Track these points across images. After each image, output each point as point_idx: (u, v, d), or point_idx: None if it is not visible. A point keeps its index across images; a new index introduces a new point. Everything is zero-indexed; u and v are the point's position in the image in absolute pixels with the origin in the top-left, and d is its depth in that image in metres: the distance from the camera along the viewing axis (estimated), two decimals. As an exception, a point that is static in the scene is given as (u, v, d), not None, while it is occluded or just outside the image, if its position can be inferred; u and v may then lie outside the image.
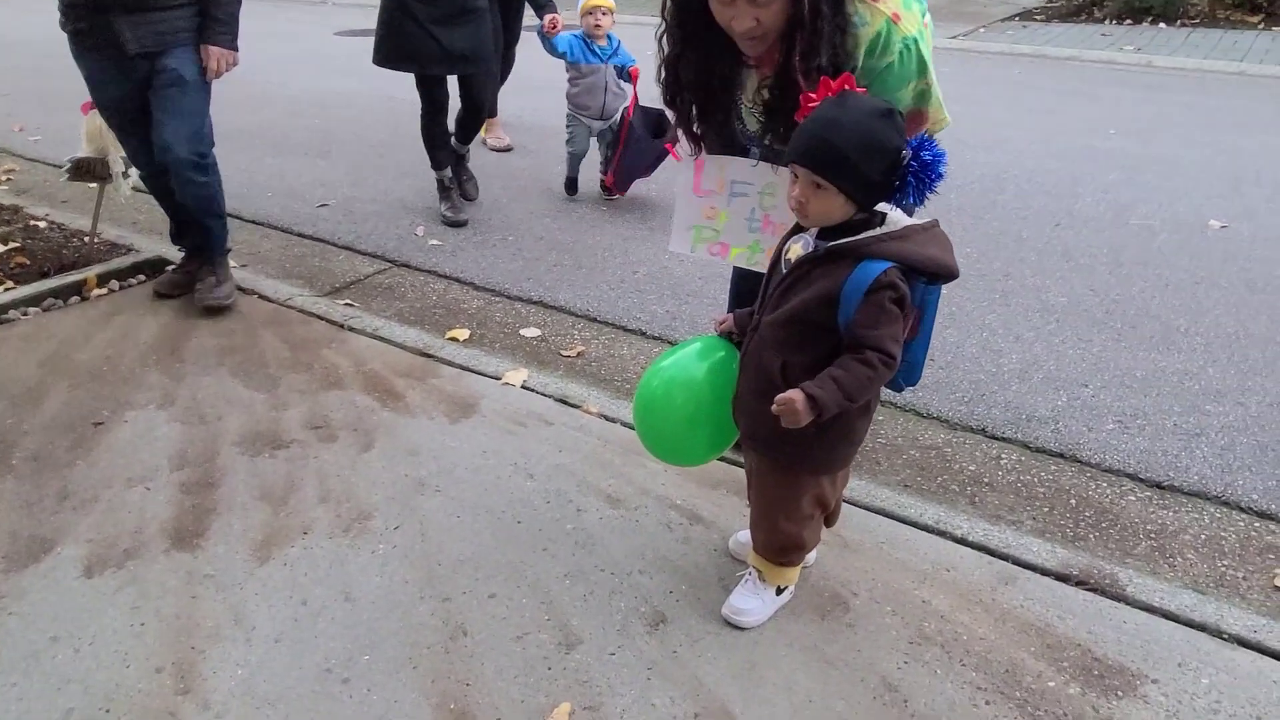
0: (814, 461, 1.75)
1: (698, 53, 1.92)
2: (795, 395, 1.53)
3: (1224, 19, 8.72)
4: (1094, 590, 2.00)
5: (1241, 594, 2.04)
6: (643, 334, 3.27)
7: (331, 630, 1.88)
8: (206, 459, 2.43)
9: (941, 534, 2.17)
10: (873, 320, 1.54)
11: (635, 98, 4.29)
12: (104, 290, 3.41)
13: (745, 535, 2.00)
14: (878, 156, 1.51)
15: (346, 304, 3.39)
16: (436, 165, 4.29)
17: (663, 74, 1.98)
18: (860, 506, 2.24)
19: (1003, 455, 2.55)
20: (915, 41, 1.82)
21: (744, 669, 1.80)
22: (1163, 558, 2.16)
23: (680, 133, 2.08)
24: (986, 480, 2.44)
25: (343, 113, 6.10)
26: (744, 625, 1.89)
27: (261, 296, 3.37)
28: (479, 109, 4.32)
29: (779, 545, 1.85)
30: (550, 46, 4.24)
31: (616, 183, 4.45)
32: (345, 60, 7.75)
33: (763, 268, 2.14)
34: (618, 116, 4.35)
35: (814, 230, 1.64)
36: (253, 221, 4.28)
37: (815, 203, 1.56)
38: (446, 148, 4.29)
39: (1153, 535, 2.23)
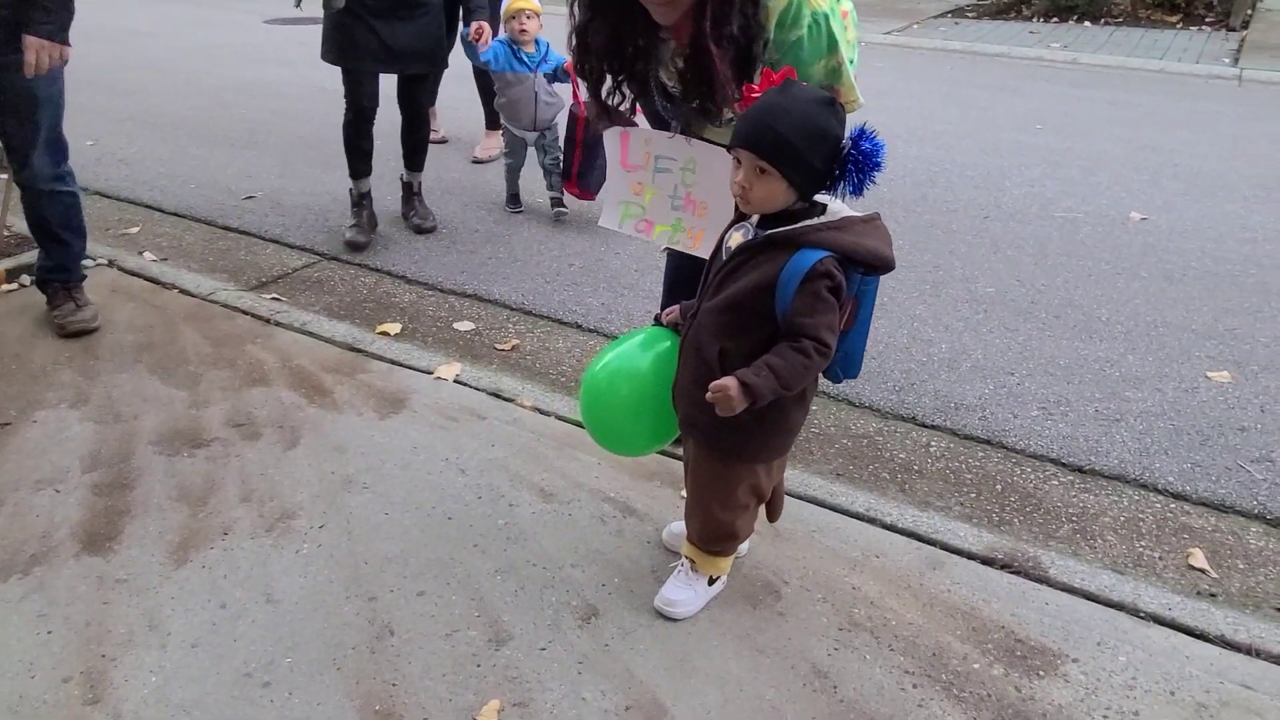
0: (750, 449, 1.75)
1: (608, 20, 1.92)
2: (729, 382, 1.53)
3: (1145, 18, 9.00)
4: (1018, 573, 2.04)
5: (1157, 573, 2.10)
6: (578, 327, 3.24)
7: (252, 633, 1.82)
8: (121, 459, 2.34)
9: (872, 521, 2.19)
10: (808, 309, 1.54)
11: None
12: (13, 286, 3.27)
13: (679, 526, 1.99)
14: (820, 144, 1.53)
15: (273, 298, 3.30)
16: (354, 174, 3.87)
17: (573, 41, 1.97)
18: (793, 495, 2.25)
19: (932, 443, 2.59)
20: (825, 17, 1.84)
21: (676, 660, 1.79)
22: (1084, 539, 2.21)
23: (591, 102, 2.07)
24: (916, 467, 2.48)
25: (271, 102, 5.94)
26: (676, 616, 1.88)
27: (183, 291, 3.26)
28: (420, 119, 3.93)
29: (713, 534, 1.85)
30: (474, 56, 3.98)
31: (582, 186, 3.96)
32: (274, 49, 7.55)
33: (684, 247, 2.14)
34: (557, 124, 4.10)
35: (755, 218, 1.64)
36: (174, 214, 4.13)
37: (758, 188, 1.56)
38: (370, 157, 3.88)
39: (1074, 518, 2.29)
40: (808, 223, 1.58)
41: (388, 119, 3.86)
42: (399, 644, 1.81)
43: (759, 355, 1.58)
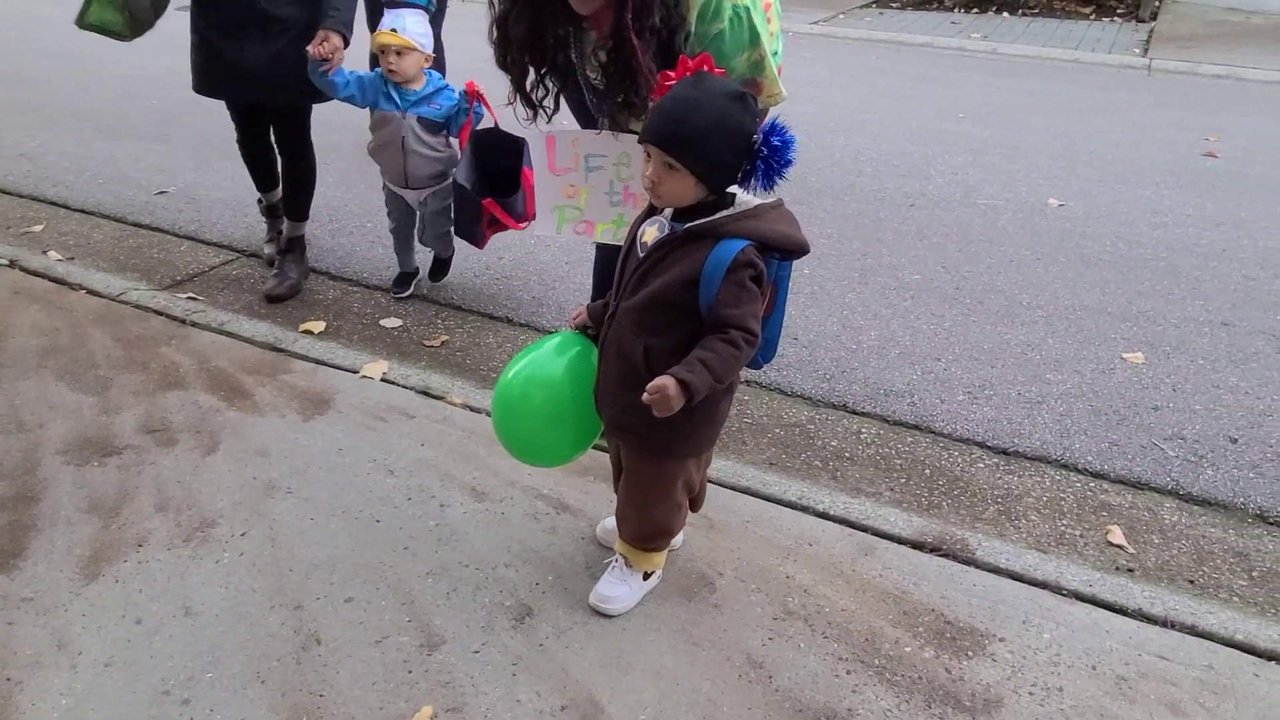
0: (683, 446, 1.73)
1: (528, 9, 1.88)
2: (666, 382, 1.51)
3: (1060, 9, 9.26)
4: (947, 556, 2.07)
5: (1079, 551, 2.17)
6: (509, 321, 3.20)
7: (169, 649, 1.75)
8: (26, 471, 2.22)
9: (805, 509, 2.21)
10: (734, 299, 1.54)
11: (468, 125, 2.97)
12: (-96, 289, 3.08)
13: (612, 521, 1.98)
14: (730, 139, 1.51)
15: (189, 298, 3.17)
16: (258, 187, 3.44)
17: (494, 33, 1.93)
18: (726, 486, 2.26)
19: (863, 429, 2.63)
20: (747, 10, 1.84)
21: (612, 657, 1.78)
22: (1008, 520, 2.27)
23: (516, 98, 2.03)
24: (848, 454, 2.50)
25: (183, 93, 5.64)
26: (612, 612, 1.87)
27: (91, 292, 3.12)
28: (298, 158, 3.24)
29: (649, 533, 1.84)
30: (326, 84, 2.87)
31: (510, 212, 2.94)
32: (186, 37, 7.25)
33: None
34: (446, 190, 3.08)
35: (668, 212, 1.62)
36: (81, 211, 3.95)
37: (668, 183, 1.55)
38: (272, 169, 3.36)
39: (999, 500, 2.34)
40: (725, 214, 1.57)
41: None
42: (326, 653, 1.76)
43: (684, 351, 1.56)
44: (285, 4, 2.90)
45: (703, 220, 1.57)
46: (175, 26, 3.25)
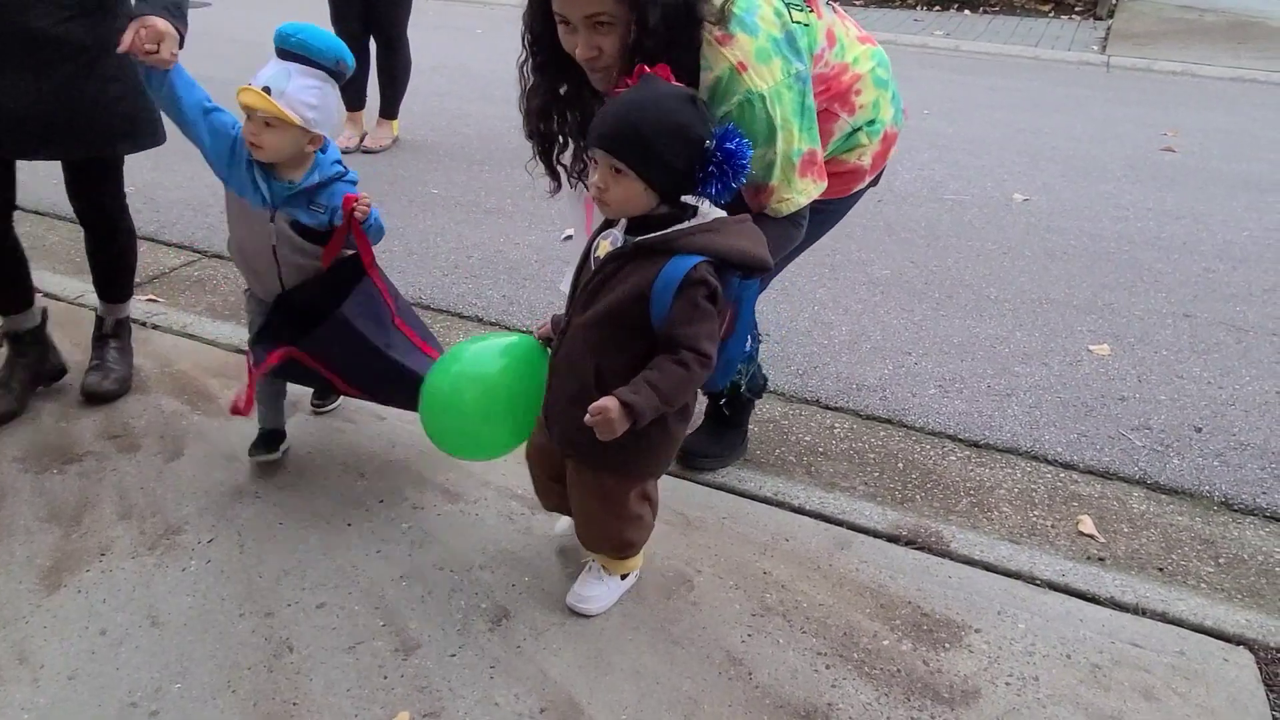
0: (636, 467, 1.68)
1: (552, 84, 1.81)
2: (609, 404, 1.45)
3: (1019, 7, 9.38)
4: (922, 549, 2.09)
5: (1051, 541, 2.19)
6: (479, 320, 3.17)
7: (136, 660, 1.71)
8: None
9: (780, 505, 2.21)
10: (686, 318, 1.48)
11: (363, 245, 2.03)
12: None
13: (568, 520, 1.94)
14: (678, 142, 1.45)
15: (149, 299, 3.10)
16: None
17: (524, 105, 1.86)
18: (701, 484, 2.26)
19: (836, 424, 2.63)
20: (762, 98, 1.64)
21: (590, 657, 1.76)
22: (981, 512, 2.28)
23: (542, 168, 1.95)
24: (821, 449, 2.51)
25: (142, 92, 5.59)
26: (590, 612, 1.84)
27: (46, 294, 3.03)
28: (107, 226, 2.47)
29: (612, 546, 1.81)
30: (163, 95, 1.93)
31: (351, 381, 2.14)
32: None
33: None
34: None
35: (622, 224, 1.56)
36: (35, 212, 3.84)
37: (614, 189, 1.49)
38: (18, 281, 2.48)
39: (972, 492, 2.36)
40: (678, 227, 1.50)
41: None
42: (299, 660, 1.72)
43: (638, 370, 1.50)
44: (62, 18, 2.08)
45: (654, 234, 1.50)
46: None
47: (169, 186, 4.18)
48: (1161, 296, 3.44)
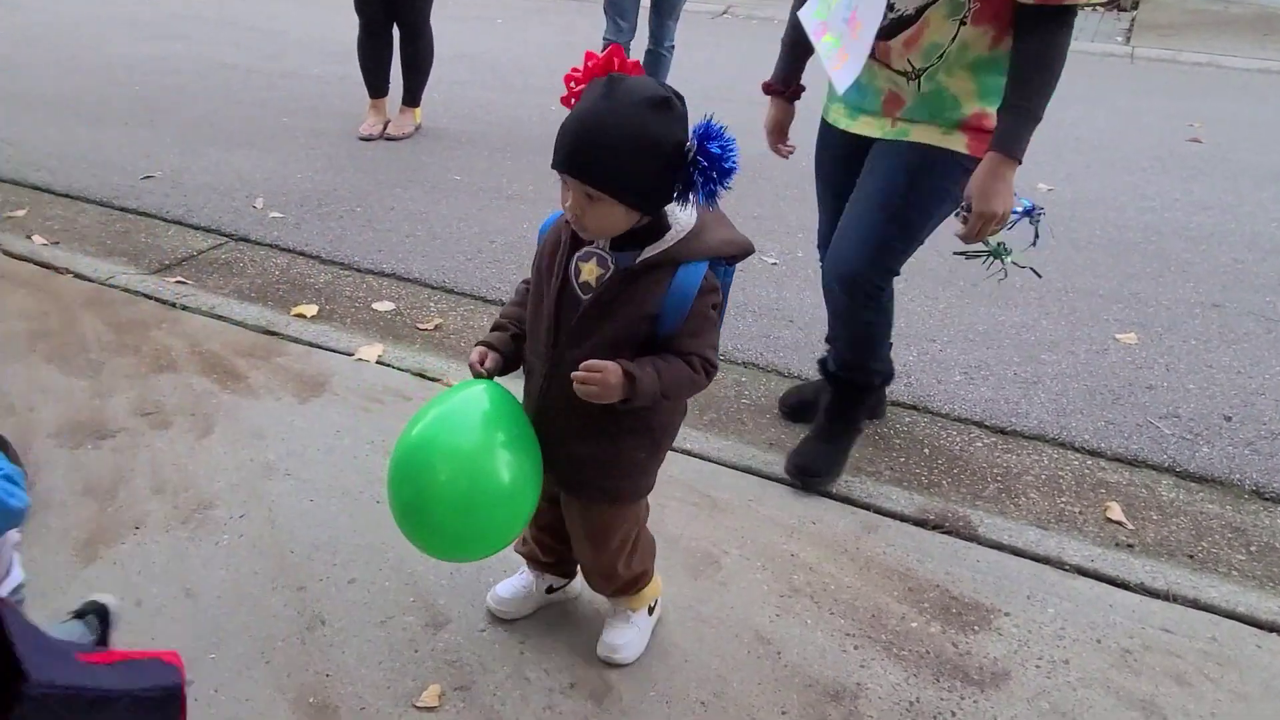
0: (642, 485, 1.60)
1: None
2: (611, 366, 1.35)
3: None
4: (949, 533, 2.08)
5: (1079, 527, 2.18)
6: (502, 304, 3.16)
7: (172, 630, 1.73)
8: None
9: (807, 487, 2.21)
10: (696, 329, 1.42)
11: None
12: (-115, 273, 3.02)
13: (506, 589, 1.79)
14: (654, 156, 1.31)
15: (178, 281, 3.13)
16: None
17: None
18: (728, 466, 2.26)
19: (861, 410, 2.62)
20: None
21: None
22: (1009, 498, 2.27)
23: None
24: (847, 435, 2.50)
25: (167, 79, 5.62)
26: (624, 661, 1.70)
27: (78, 276, 3.06)
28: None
29: (631, 581, 1.68)
30: None
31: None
32: (166, 22, 7.15)
33: (827, 65, 1.96)
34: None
35: (602, 243, 1.41)
36: (66, 195, 3.88)
37: (593, 215, 1.35)
38: None
39: (999, 477, 2.35)
40: (677, 238, 1.40)
41: (247, 98, 3.68)
42: (331, 633, 1.74)
43: None
44: None
45: (656, 250, 1.39)
46: (153, 11, 3.18)
47: (195, 171, 4.21)
48: (1189, 286, 3.41)
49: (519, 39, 7.07)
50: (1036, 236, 2.13)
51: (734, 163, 1.31)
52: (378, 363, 2.65)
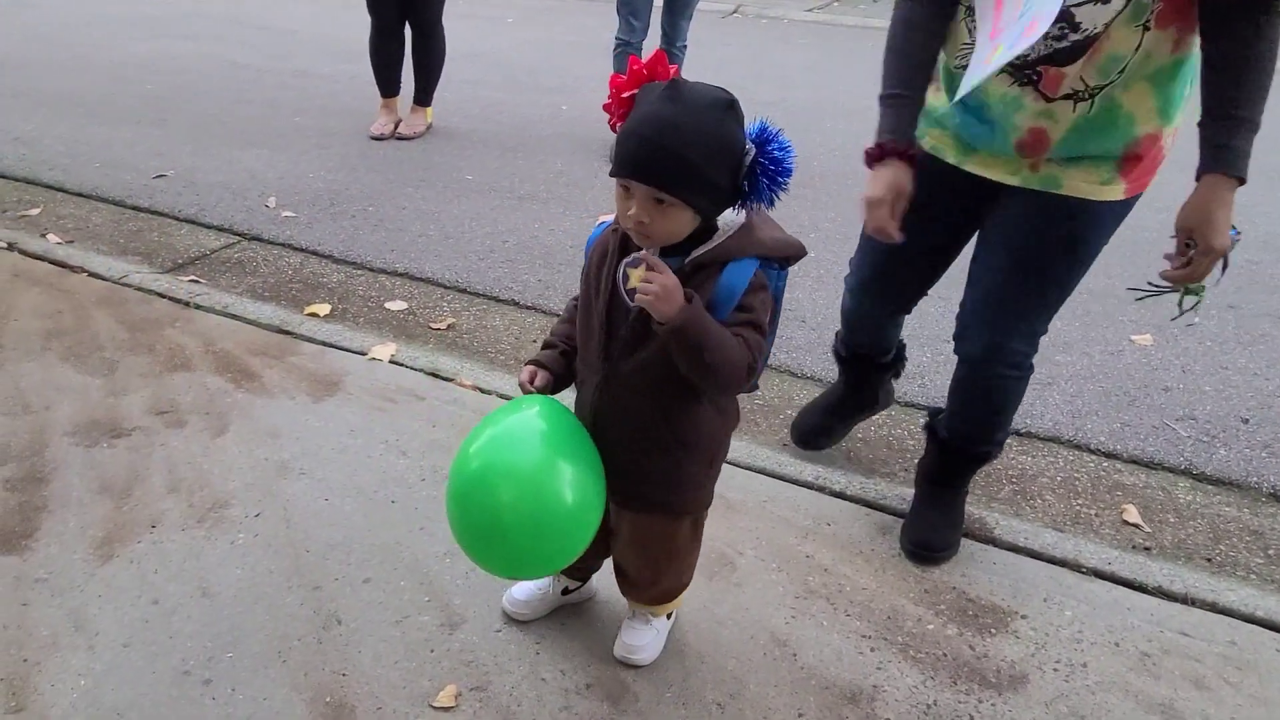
0: (702, 496, 1.60)
1: None
2: (676, 283, 1.31)
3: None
4: (965, 535, 2.07)
5: (1095, 529, 2.17)
6: (515, 304, 3.18)
7: (188, 629, 1.73)
8: (34, 452, 2.19)
9: (821, 489, 2.21)
10: (744, 323, 1.38)
11: None
12: (-99, 271, 3.03)
13: (521, 591, 1.80)
14: (725, 158, 1.30)
15: (191, 280, 3.14)
16: None
17: None
18: (742, 467, 2.25)
19: (875, 411, 2.61)
20: None
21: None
22: (1024, 500, 2.26)
23: None
24: (861, 435, 2.49)
25: (177, 78, 5.64)
26: (641, 662, 1.70)
27: (92, 274, 3.07)
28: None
29: (672, 592, 1.70)
30: None
31: None
32: (178, 20, 7.18)
33: (982, 72, 1.61)
34: None
35: (652, 249, 1.38)
36: (79, 194, 3.89)
37: (660, 222, 1.31)
38: None
39: (1014, 480, 2.34)
40: (726, 236, 1.38)
41: (259, 98, 3.68)
42: (347, 633, 1.74)
43: (696, 390, 1.42)
44: None
45: (706, 250, 1.37)
46: (164, 9, 3.18)
47: (208, 170, 4.22)
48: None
49: (530, 38, 7.07)
50: (1225, 265, 1.72)
51: (791, 165, 1.32)
52: (391, 362, 2.65)
